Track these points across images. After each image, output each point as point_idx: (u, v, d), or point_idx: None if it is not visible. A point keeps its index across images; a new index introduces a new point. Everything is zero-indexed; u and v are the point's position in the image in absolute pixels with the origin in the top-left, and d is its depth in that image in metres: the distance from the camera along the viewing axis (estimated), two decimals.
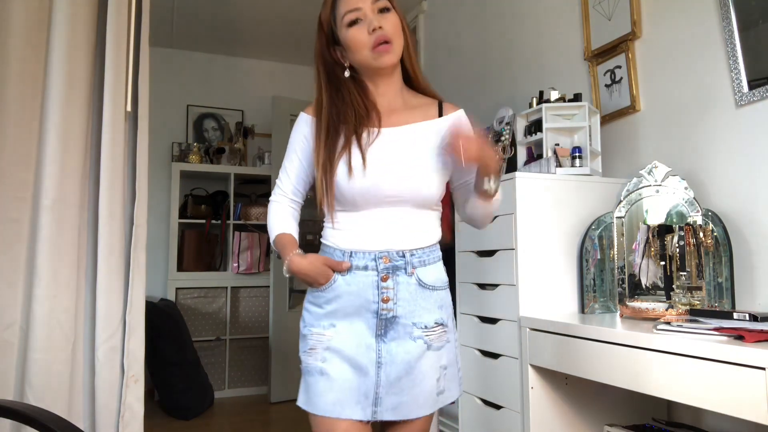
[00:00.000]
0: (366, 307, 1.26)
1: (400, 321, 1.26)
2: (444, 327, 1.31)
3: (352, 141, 1.26)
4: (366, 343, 1.26)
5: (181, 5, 3.72)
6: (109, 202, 1.85)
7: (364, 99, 1.32)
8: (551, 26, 2.56)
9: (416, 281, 1.28)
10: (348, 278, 1.27)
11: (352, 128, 1.27)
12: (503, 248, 1.91)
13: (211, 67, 4.52)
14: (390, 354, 1.26)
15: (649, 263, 1.77)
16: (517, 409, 1.82)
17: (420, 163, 1.28)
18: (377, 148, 1.27)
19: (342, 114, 1.29)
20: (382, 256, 1.25)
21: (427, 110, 1.35)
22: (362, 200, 1.26)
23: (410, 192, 1.26)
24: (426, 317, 1.28)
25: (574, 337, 1.59)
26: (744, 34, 1.72)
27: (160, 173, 4.14)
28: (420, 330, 1.27)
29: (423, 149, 1.29)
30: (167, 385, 3.60)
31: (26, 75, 1.78)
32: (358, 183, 1.24)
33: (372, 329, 1.27)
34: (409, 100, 1.37)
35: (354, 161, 1.25)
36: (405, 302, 1.26)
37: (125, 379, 1.84)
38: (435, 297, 1.31)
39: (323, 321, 1.28)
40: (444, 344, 1.32)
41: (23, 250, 1.75)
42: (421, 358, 1.27)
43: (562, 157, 2.02)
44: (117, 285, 1.86)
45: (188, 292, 4.15)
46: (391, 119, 1.31)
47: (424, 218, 1.31)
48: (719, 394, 1.20)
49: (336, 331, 1.27)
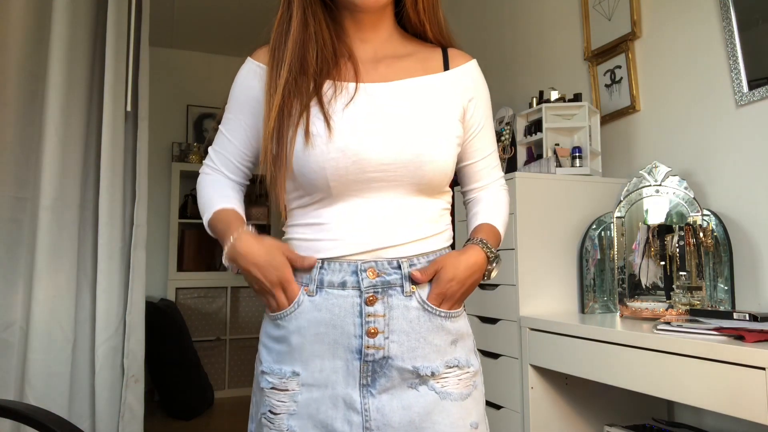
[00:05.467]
0: (344, 343, 0.88)
1: (395, 364, 0.88)
2: (463, 369, 0.93)
3: (312, 97, 0.91)
4: (345, 400, 0.87)
5: (181, 5, 3.72)
6: (109, 202, 1.85)
7: (334, 41, 0.96)
8: (551, 26, 2.56)
9: (419, 304, 0.90)
10: (317, 300, 0.89)
11: (311, 78, 0.92)
12: (503, 248, 1.91)
13: (211, 67, 4.52)
14: (382, 413, 0.87)
15: (649, 263, 1.77)
16: (517, 409, 1.82)
17: (421, 126, 0.91)
18: (352, 110, 0.90)
19: (305, 58, 0.93)
20: (367, 268, 0.88)
21: (426, 60, 1.00)
22: (336, 182, 0.88)
23: (409, 165, 0.89)
24: (434, 359, 0.90)
25: (574, 337, 1.58)
26: (744, 34, 1.72)
27: (160, 173, 4.15)
28: (425, 378, 0.89)
29: (424, 110, 0.93)
30: (167, 385, 3.60)
31: (26, 75, 1.78)
32: (318, 154, 0.87)
33: (354, 377, 0.88)
34: (402, 46, 1.01)
35: (314, 125, 0.88)
36: (402, 336, 0.88)
37: (125, 379, 1.85)
38: (448, 328, 0.92)
39: (284, 365, 0.90)
40: (471, 391, 0.93)
41: (23, 250, 1.75)
42: (432, 413, 0.88)
43: (562, 157, 2.02)
44: (117, 285, 1.86)
45: (188, 292, 4.15)
46: (377, 72, 0.96)
47: (428, 209, 0.94)
48: (719, 394, 1.19)
49: (302, 380, 0.88)
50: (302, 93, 0.91)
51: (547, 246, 1.89)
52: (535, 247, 1.87)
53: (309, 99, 0.90)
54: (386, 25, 1.00)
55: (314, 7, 0.96)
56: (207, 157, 1.04)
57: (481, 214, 1.05)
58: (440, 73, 0.99)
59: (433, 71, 0.98)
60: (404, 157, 0.89)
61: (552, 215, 1.90)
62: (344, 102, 0.91)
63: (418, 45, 1.03)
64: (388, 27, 1.01)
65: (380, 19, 0.99)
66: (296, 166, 0.89)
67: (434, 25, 1.02)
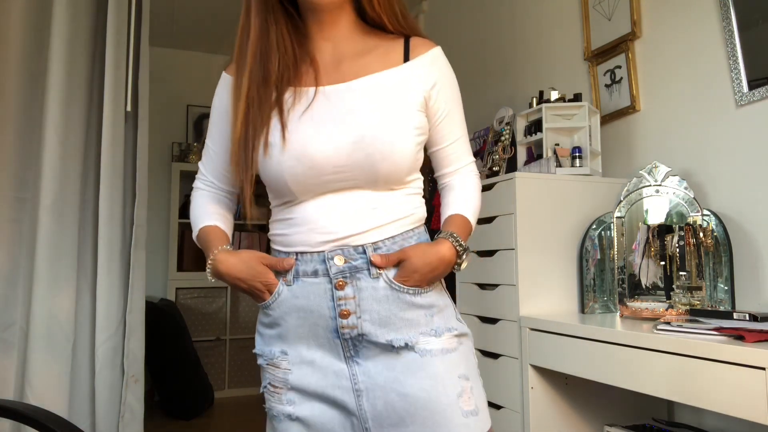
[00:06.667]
0: (322, 324, 0.96)
1: (370, 339, 0.95)
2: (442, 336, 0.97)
3: (273, 105, 0.96)
4: (333, 370, 0.96)
5: (181, 5, 3.72)
6: (109, 202, 1.85)
7: (295, 46, 1.00)
8: (551, 26, 2.56)
9: (386, 284, 0.95)
10: (295, 288, 0.97)
11: (272, 87, 0.97)
12: (503, 248, 1.91)
13: (211, 67, 4.52)
14: (368, 375, 0.95)
15: (649, 263, 1.77)
16: (517, 409, 1.82)
17: (376, 124, 0.94)
18: (308, 116, 0.95)
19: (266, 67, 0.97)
20: (335, 256, 0.95)
21: (387, 53, 1.02)
22: (296, 186, 0.95)
23: (363, 165, 0.94)
24: (406, 332, 0.95)
25: (574, 337, 1.58)
26: (744, 34, 1.72)
27: (160, 173, 4.15)
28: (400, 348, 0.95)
29: (380, 107, 0.96)
30: (167, 385, 3.60)
31: (26, 75, 1.78)
32: (275, 164, 0.94)
33: (337, 351, 0.97)
34: (364, 41, 1.04)
35: (272, 135, 0.94)
36: (374, 315, 0.95)
37: (125, 379, 1.85)
38: (419, 303, 0.97)
39: (274, 347, 1.00)
40: (456, 347, 0.98)
41: (23, 250, 1.75)
42: (415, 369, 0.94)
43: (562, 157, 2.02)
44: (117, 285, 1.86)
45: (188, 292, 4.15)
46: (338, 72, 0.99)
47: (391, 197, 0.98)
48: (719, 394, 1.19)
49: (289, 361, 0.98)
50: (264, 102, 0.96)
51: (547, 246, 1.89)
52: (535, 247, 1.87)
53: (271, 109, 0.96)
54: (346, 21, 1.03)
55: (276, 14, 0.99)
56: (198, 172, 1.11)
57: (452, 205, 1.08)
58: (399, 66, 1.01)
59: (393, 65, 1.01)
60: (356, 158, 0.93)
61: (552, 215, 1.90)
62: (302, 109, 0.96)
63: (380, 38, 1.05)
64: (349, 23, 1.03)
65: (339, 16, 1.02)
66: (261, 173, 0.98)
67: (391, 17, 1.04)
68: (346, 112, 0.95)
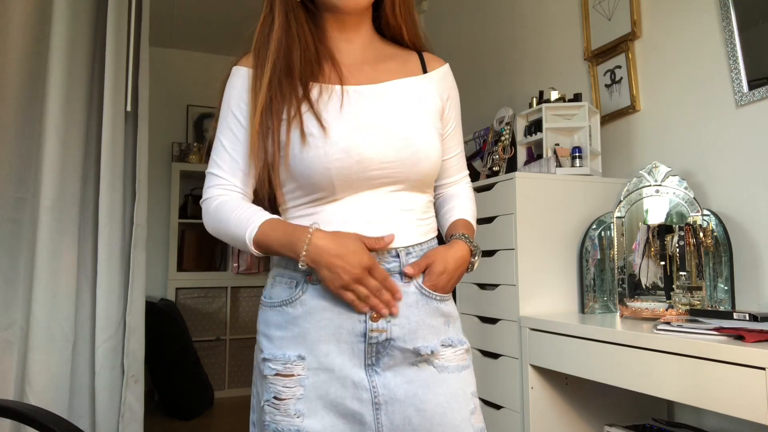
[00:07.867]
0: (348, 327, 0.93)
1: (397, 345, 0.94)
2: (456, 347, 1.00)
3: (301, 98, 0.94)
4: (353, 380, 0.92)
5: (181, 5, 3.72)
6: (109, 202, 1.85)
7: (317, 43, 0.99)
8: (551, 26, 2.56)
9: (416, 289, 0.96)
10: (321, 288, 0.93)
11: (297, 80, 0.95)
12: (503, 248, 1.91)
13: (211, 67, 4.52)
14: (388, 389, 0.93)
15: (649, 263, 1.77)
16: (517, 409, 1.82)
17: (413, 124, 0.97)
18: (347, 110, 0.95)
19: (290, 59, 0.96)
20: None
21: (406, 63, 1.06)
22: (340, 181, 0.92)
23: (407, 162, 0.95)
24: (431, 339, 0.96)
25: (574, 337, 1.59)
26: (744, 34, 1.72)
27: (160, 173, 4.15)
28: (426, 356, 0.96)
29: (411, 110, 0.99)
30: (167, 385, 3.60)
31: (26, 75, 1.78)
32: (319, 155, 0.91)
33: (359, 358, 0.93)
34: (383, 49, 1.06)
35: (307, 126, 0.92)
36: (403, 319, 0.94)
37: (125, 379, 1.85)
38: (442, 310, 0.99)
39: (288, 350, 0.93)
40: (468, 364, 1.00)
41: (23, 250, 1.75)
42: (433, 386, 0.95)
43: (562, 157, 2.02)
44: (117, 285, 1.87)
45: (188, 292, 4.15)
46: (363, 74, 1.00)
47: (419, 202, 1.00)
48: (719, 394, 1.19)
49: (307, 365, 0.92)
50: (290, 93, 0.94)
51: (547, 246, 1.89)
52: (535, 247, 1.87)
53: (299, 100, 0.94)
54: (367, 28, 1.05)
55: (297, 11, 0.99)
56: (210, 178, 0.99)
57: (456, 210, 1.12)
58: (420, 75, 1.05)
59: (413, 73, 1.05)
60: (403, 154, 0.95)
61: (552, 215, 1.90)
62: (336, 103, 0.95)
63: (396, 49, 1.09)
64: (369, 29, 1.06)
65: (361, 21, 1.03)
66: (296, 166, 0.93)
67: (410, 29, 1.08)
68: (388, 111, 0.97)
